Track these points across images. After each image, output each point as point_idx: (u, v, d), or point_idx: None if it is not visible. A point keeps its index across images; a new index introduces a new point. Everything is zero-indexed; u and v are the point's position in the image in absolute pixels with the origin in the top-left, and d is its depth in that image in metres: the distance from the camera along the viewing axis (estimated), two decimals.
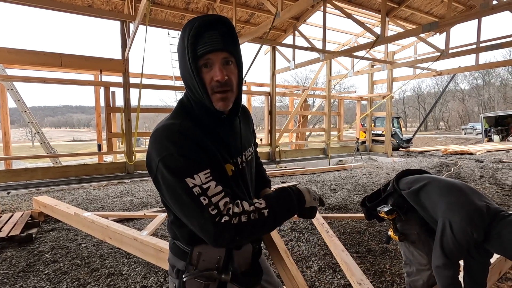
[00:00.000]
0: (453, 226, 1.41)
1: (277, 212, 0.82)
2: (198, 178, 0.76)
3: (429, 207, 1.59)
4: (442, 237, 1.45)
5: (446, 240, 1.42)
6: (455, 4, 8.10)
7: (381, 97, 10.59)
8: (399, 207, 1.76)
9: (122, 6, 6.31)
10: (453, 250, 1.41)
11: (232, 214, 0.76)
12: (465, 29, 19.58)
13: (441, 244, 1.44)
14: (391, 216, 1.76)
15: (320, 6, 7.47)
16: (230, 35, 0.84)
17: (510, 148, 11.69)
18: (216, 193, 0.77)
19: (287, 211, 0.85)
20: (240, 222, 0.76)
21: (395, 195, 1.81)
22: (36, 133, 7.80)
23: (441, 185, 1.58)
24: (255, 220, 0.78)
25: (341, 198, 4.67)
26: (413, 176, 1.80)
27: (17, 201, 4.76)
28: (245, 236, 0.77)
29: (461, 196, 1.48)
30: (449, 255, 1.42)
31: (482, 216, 1.38)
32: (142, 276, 2.38)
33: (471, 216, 1.38)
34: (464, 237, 1.38)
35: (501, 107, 34.47)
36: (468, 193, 1.49)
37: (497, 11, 4.29)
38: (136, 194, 5.17)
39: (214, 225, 0.74)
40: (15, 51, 5.38)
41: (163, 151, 0.78)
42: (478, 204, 1.43)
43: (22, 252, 2.84)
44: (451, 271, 1.44)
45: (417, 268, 1.75)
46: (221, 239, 0.75)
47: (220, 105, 0.85)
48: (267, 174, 1.29)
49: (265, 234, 0.98)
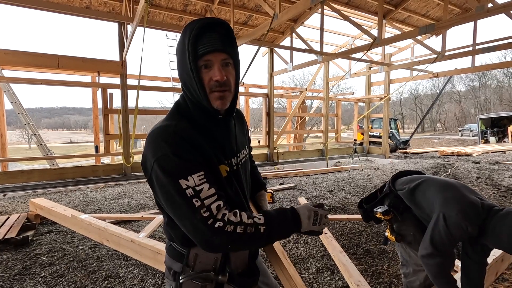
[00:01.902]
0: (447, 219, 1.43)
1: (273, 231, 0.83)
2: (192, 179, 0.77)
3: (424, 205, 1.61)
4: (434, 229, 1.47)
5: (438, 232, 1.44)
6: (451, 6, 8.17)
7: (379, 99, 10.64)
8: (395, 207, 1.77)
9: (120, 8, 6.31)
10: (444, 242, 1.43)
11: (227, 221, 0.77)
12: (461, 32, 19.74)
13: (432, 235, 1.46)
14: (387, 216, 1.77)
15: (317, 8, 7.51)
16: (229, 38, 0.86)
17: (506, 150, 11.78)
18: (208, 196, 0.77)
19: (282, 233, 0.87)
20: (235, 231, 0.77)
21: (391, 196, 1.82)
22: (32, 135, 7.76)
23: (436, 183, 1.61)
24: (250, 233, 0.79)
25: (339, 200, 4.68)
26: (408, 176, 1.82)
27: (13, 203, 4.72)
28: (237, 247, 0.79)
29: (456, 192, 1.51)
30: (439, 246, 1.44)
31: (477, 211, 1.41)
32: (140, 279, 2.36)
33: (467, 211, 1.41)
34: (458, 230, 1.40)
35: (497, 108, 34.73)
36: (463, 190, 1.52)
37: (493, 14, 4.34)
38: (134, 196, 5.15)
39: (206, 228, 0.75)
40: (12, 53, 5.35)
41: (158, 152, 0.79)
42: (473, 199, 1.45)
43: (18, 255, 2.81)
44: (437, 259, 1.45)
45: (414, 268, 1.76)
46: (212, 243, 0.76)
47: (218, 103, 0.86)
48: (262, 176, 1.29)
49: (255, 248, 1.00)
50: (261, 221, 0.82)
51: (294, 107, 10.32)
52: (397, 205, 1.76)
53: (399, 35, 6.06)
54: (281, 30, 8.69)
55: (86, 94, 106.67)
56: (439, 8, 8.46)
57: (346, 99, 11.88)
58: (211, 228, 0.75)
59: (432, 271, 1.47)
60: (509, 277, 2.31)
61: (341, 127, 11.16)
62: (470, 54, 7.08)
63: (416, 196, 1.66)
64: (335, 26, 9.53)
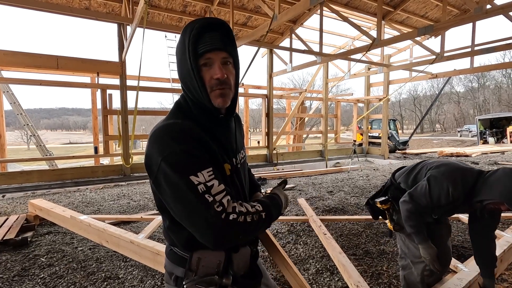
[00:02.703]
0: (431, 180, 1.55)
1: (270, 216, 0.88)
2: (202, 176, 0.76)
3: (419, 179, 1.70)
4: (417, 185, 1.63)
5: (420, 187, 1.59)
6: (450, 8, 8.20)
7: (378, 100, 10.66)
8: (394, 198, 1.84)
9: (119, 9, 6.31)
10: (421, 197, 1.57)
11: (239, 213, 0.78)
12: (460, 33, 19.80)
13: (414, 189, 1.63)
14: (386, 205, 1.86)
15: (317, 9, 7.53)
16: (229, 37, 0.87)
17: (505, 150, 11.81)
18: (219, 192, 0.77)
19: (275, 217, 0.93)
20: (246, 221, 0.79)
21: (392, 188, 1.90)
22: (31, 136, 7.75)
23: (433, 161, 1.75)
24: (257, 221, 0.82)
25: (338, 200, 4.68)
26: (405, 167, 1.95)
27: (12, 204, 4.71)
28: (246, 236, 0.82)
29: (450, 162, 1.64)
30: (414, 198, 1.60)
31: (465, 178, 1.49)
32: (139, 280, 2.36)
33: (453, 175, 1.51)
34: (439, 190, 1.51)
35: (495, 109, 34.82)
36: (458, 162, 1.65)
37: (491, 15, 4.35)
38: (133, 196, 5.14)
39: (221, 222, 0.75)
40: (11, 53, 5.35)
41: (166, 150, 0.78)
42: (466, 167, 1.56)
43: (17, 256, 2.80)
44: (410, 205, 1.61)
45: (412, 260, 1.81)
46: (228, 236, 0.76)
47: (219, 101, 0.86)
48: (255, 178, 1.30)
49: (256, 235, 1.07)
50: (261, 208, 0.85)
51: (293, 108, 10.33)
52: (397, 196, 1.81)
53: (398, 36, 6.09)
54: (280, 31, 8.71)
55: (85, 95, 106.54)
56: (438, 9, 8.49)
57: (345, 100, 11.90)
58: (226, 221, 0.75)
59: (403, 214, 1.65)
60: (508, 277, 2.31)
61: (341, 128, 11.18)
62: (469, 55, 7.11)
63: (412, 176, 1.77)
64: (334, 27, 9.55)
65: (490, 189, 1.40)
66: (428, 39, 9.63)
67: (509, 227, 3.00)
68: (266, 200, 0.92)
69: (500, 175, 1.39)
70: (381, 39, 5.80)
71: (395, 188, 1.86)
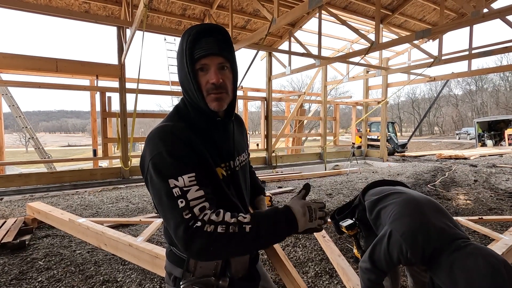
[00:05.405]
0: (391, 237, 1.29)
1: (262, 231, 0.75)
2: (182, 180, 0.77)
3: (382, 219, 1.47)
4: (376, 244, 1.37)
5: (379, 248, 1.34)
6: (447, 12, 8.26)
7: (376, 102, 10.69)
8: (362, 221, 1.65)
9: (119, 12, 6.33)
10: (381, 261, 1.33)
11: (207, 221, 0.73)
12: (458, 36, 19.92)
13: (373, 249, 1.37)
14: (351, 231, 1.66)
15: (315, 13, 7.57)
16: (226, 42, 0.88)
17: (503, 153, 11.85)
18: (195, 198, 0.76)
19: (274, 234, 0.77)
20: (215, 231, 0.72)
21: (360, 208, 1.69)
22: (30, 138, 7.73)
23: (402, 197, 1.45)
24: (233, 233, 0.73)
25: (338, 203, 4.68)
26: (379, 188, 1.67)
27: (10, 207, 4.69)
28: (220, 248, 0.72)
29: (417, 210, 1.34)
30: (376, 263, 1.35)
31: (428, 238, 1.22)
32: (138, 283, 2.35)
33: (415, 234, 1.24)
34: (396, 252, 1.27)
35: (493, 112, 34.99)
36: (428, 210, 1.34)
37: (488, 19, 4.39)
38: (132, 199, 5.13)
39: (185, 230, 0.72)
40: (11, 56, 5.35)
41: (154, 150, 0.80)
42: (433, 223, 1.26)
43: (15, 259, 2.79)
44: (371, 275, 1.38)
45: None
46: (192, 246, 0.72)
47: (215, 105, 0.88)
48: (260, 181, 1.30)
49: (245, 254, 0.89)
50: (246, 220, 0.75)
51: (292, 111, 10.35)
52: (365, 219, 1.62)
53: (396, 40, 6.13)
54: (279, 34, 8.75)
55: (85, 97, 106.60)
56: (436, 13, 8.55)
57: (344, 103, 11.94)
58: (190, 229, 0.72)
59: (363, 282, 1.43)
60: None
61: (339, 130, 11.20)
62: (467, 58, 7.14)
63: (376, 210, 1.51)
64: (333, 30, 9.61)
65: (452, 281, 1.11)
66: (426, 42, 9.69)
67: (507, 229, 3.01)
68: (262, 212, 0.81)
69: (469, 268, 1.08)
70: (379, 43, 5.83)
71: (363, 209, 1.64)
